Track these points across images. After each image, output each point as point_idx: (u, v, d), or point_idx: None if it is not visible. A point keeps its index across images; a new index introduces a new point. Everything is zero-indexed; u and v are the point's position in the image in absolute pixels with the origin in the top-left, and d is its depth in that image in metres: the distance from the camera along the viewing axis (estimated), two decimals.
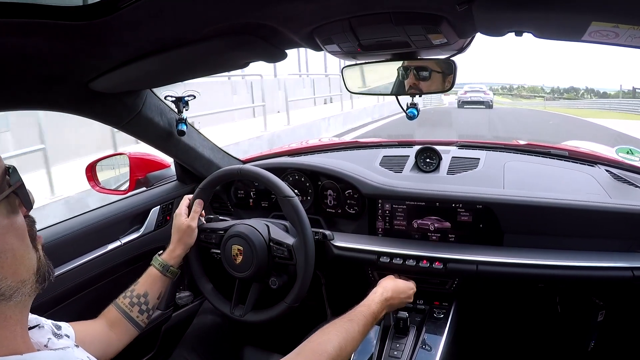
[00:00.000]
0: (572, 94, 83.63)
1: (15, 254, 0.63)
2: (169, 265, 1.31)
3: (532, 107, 42.35)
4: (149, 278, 1.29)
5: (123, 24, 0.79)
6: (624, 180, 1.58)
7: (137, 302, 1.23)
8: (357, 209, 1.68)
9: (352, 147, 2.08)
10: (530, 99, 75.61)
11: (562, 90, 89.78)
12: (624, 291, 1.59)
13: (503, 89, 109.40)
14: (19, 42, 0.78)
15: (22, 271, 0.65)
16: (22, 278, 0.64)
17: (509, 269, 1.39)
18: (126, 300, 1.23)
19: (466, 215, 1.50)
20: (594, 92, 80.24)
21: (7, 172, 0.65)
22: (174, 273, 1.33)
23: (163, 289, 1.32)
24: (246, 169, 1.42)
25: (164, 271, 1.30)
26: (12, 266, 0.63)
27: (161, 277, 1.30)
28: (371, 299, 1.24)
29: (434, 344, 1.39)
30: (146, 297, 1.25)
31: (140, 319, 1.23)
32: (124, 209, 1.64)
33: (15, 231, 0.64)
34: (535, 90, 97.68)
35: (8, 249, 0.62)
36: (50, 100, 1.16)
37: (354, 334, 1.07)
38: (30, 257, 0.67)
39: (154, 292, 1.28)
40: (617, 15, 0.72)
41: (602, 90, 79.23)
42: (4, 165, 0.65)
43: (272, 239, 1.38)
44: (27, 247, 0.66)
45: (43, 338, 0.77)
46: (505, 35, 0.91)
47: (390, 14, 0.86)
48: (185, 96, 1.54)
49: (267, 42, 1.02)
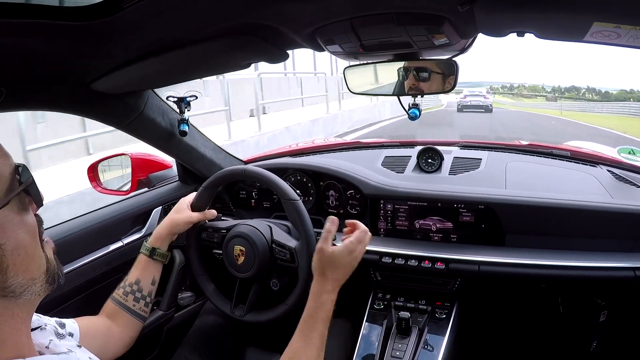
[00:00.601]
0: (574, 93, 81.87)
1: (27, 251, 0.64)
2: (154, 247, 1.31)
3: (540, 109, 37.48)
4: (139, 265, 1.31)
5: (124, 24, 0.79)
6: (625, 180, 1.57)
7: (130, 291, 1.24)
8: (359, 209, 1.68)
9: (354, 148, 2.08)
10: (531, 98, 74.49)
11: (563, 89, 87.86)
12: (626, 291, 1.58)
13: (503, 88, 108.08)
14: (20, 43, 0.78)
15: (34, 269, 0.66)
16: (32, 276, 0.65)
17: (511, 269, 1.38)
18: (120, 291, 1.25)
19: (468, 215, 1.49)
20: (595, 92, 78.80)
21: (17, 170, 0.66)
22: (163, 255, 1.33)
23: (156, 274, 1.32)
24: (250, 170, 1.41)
25: (151, 255, 1.31)
26: (24, 263, 0.63)
27: (150, 261, 1.31)
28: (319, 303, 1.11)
29: (436, 345, 1.39)
30: (138, 284, 1.26)
31: (137, 307, 1.23)
32: (126, 209, 1.64)
33: (27, 228, 0.65)
34: (536, 89, 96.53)
35: (20, 246, 0.63)
36: (52, 100, 1.17)
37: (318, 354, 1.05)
38: (40, 255, 0.68)
39: (146, 277, 1.29)
40: (618, 15, 0.72)
41: (603, 89, 78.22)
42: (14, 164, 0.66)
43: (275, 241, 1.38)
44: (37, 245, 0.67)
45: (45, 339, 0.77)
46: (507, 36, 0.91)
47: (392, 14, 0.86)
48: (187, 96, 1.54)
49: (269, 42, 1.02)
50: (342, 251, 1.15)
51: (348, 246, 1.17)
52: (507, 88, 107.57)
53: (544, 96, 73.31)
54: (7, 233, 0.61)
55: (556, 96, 67.16)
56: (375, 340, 1.43)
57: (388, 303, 1.55)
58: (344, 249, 1.16)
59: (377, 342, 1.42)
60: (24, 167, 0.67)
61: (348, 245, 1.17)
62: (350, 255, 1.16)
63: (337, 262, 1.15)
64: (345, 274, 1.17)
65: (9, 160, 0.65)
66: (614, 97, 64.62)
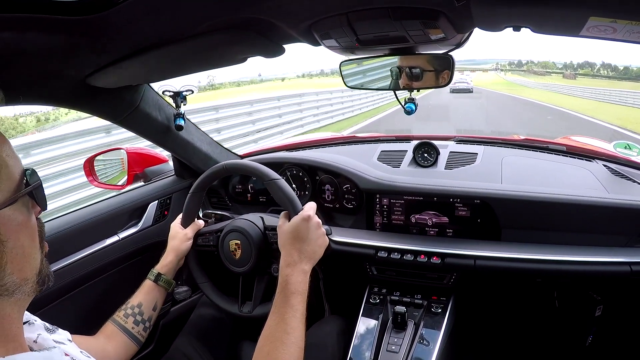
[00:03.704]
0: (588, 69, 73.73)
1: (25, 252, 0.65)
2: (160, 273, 1.35)
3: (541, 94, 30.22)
4: (143, 288, 1.33)
5: (120, 19, 0.78)
6: (621, 175, 1.58)
7: (131, 313, 1.26)
8: (355, 203, 1.68)
9: (350, 142, 2.08)
10: (544, 76, 64.81)
11: (575, 65, 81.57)
12: (622, 286, 1.59)
13: (511, 65, 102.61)
14: (15, 37, 0.78)
15: (27, 269, 0.67)
16: (25, 276, 0.66)
17: (506, 264, 1.39)
18: (121, 313, 1.26)
19: (464, 210, 1.50)
20: (611, 68, 68.87)
21: (25, 173, 0.67)
22: (168, 283, 1.36)
23: (159, 300, 1.34)
24: (231, 164, 1.42)
25: (156, 280, 1.34)
26: (20, 263, 0.64)
27: (154, 286, 1.34)
28: (284, 276, 1.12)
29: (432, 339, 1.39)
30: (140, 307, 1.28)
31: (136, 330, 1.25)
32: (122, 203, 1.64)
33: (28, 230, 0.67)
34: (548, 65, 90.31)
35: (19, 246, 0.64)
36: (48, 95, 1.17)
37: (298, 340, 1.03)
38: (35, 257, 0.69)
39: (148, 302, 1.31)
40: (615, 10, 0.72)
41: (621, 65, 66.78)
42: (23, 167, 0.67)
43: (267, 227, 1.40)
44: (35, 247, 0.69)
45: (32, 334, 0.77)
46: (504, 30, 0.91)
47: (388, 9, 0.86)
48: (183, 91, 1.54)
49: (265, 37, 1.01)
50: (296, 222, 1.20)
51: (300, 215, 1.21)
52: (515, 65, 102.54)
53: (560, 73, 65.96)
54: (10, 231, 0.62)
55: (575, 73, 62.39)
56: (371, 334, 1.44)
57: (384, 297, 1.56)
58: (297, 218, 1.21)
59: (373, 336, 1.43)
60: (33, 170, 0.69)
61: (300, 214, 1.22)
62: (306, 222, 1.20)
63: (295, 233, 1.19)
64: (310, 241, 1.19)
65: (18, 162, 0.67)
66: (634, 73, 57.06)
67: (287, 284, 1.10)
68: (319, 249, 1.21)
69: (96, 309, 1.25)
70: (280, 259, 1.18)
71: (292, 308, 1.06)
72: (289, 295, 1.08)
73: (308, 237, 1.19)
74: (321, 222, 1.25)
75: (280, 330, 1.03)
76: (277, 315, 1.06)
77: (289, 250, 1.17)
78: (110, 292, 1.30)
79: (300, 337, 1.04)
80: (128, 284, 1.36)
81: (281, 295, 1.09)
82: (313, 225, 1.20)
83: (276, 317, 1.06)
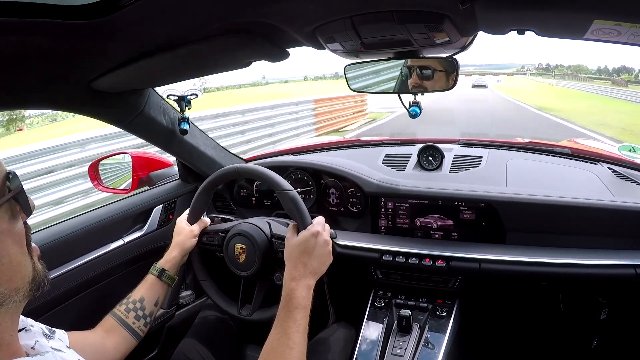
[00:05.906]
0: (626, 75, 65.31)
1: (12, 260, 0.63)
2: (164, 269, 1.33)
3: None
4: (145, 283, 1.31)
5: (124, 23, 0.79)
6: (626, 178, 1.57)
7: (132, 308, 1.24)
8: (360, 207, 1.68)
9: (355, 146, 2.08)
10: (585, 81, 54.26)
11: (610, 70, 72.90)
12: (627, 289, 1.59)
13: (539, 68, 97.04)
14: (20, 41, 0.78)
15: (17, 279, 0.64)
16: (16, 286, 0.64)
17: (511, 267, 1.38)
18: (122, 307, 1.23)
19: (469, 213, 1.49)
20: None
21: (8, 177, 0.64)
22: (171, 278, 1.34)
23: (161, 295, 1.32)
24: (243, 167, 1.42)
25: (159, 275, 1.32)
26: (7, 273, 0.62)
27: (157, 281, 1.31)
28: (288, 291, 1.12)
29: (437, 342, 1.39)
30: (142, 302, 1.26)
31: (137, 325, 1.22)
32: (127, 208, 1.65)
33: (14, 237, 0.64)
34: (581, 69, 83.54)
35: (5, 255, 0.62)
36: (53, 99, 1.17)
37: (301, 356, 1.03)
38: (26, 265, 0.66)
39: (151, 297, 1.28)
40: (619, 13, 0.72)
41: None
42: (5, 171, 0.65)
43: (274, 235, 1.39)
44: (24, 254, 0.66)
45: (30, 340, 0.76)
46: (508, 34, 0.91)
47: (392, 12, 0.86)
48: (187, 95, 1.54)
49: (269, 41, 1.02)
50: (304, 236, 1.20)
51: (309, 230, 1.21)
52: (543, 69, 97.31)
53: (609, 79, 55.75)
54: None
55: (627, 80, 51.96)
56: (376, 338, 1.43)
57: (389, 301, 1.55)
58: (305, 233, 1.20)
59: (378, 339, 1.42)
60: (14, 174, 0.66)
61: (309, 229, 1.21)
62: (314, 238, 1.20)
63: (303, 247, 1.19)
64: (316, 257, 1.19)
65: (0, 166, 0.64)
66: None
67: (291, 298, 1.10)
68: (323, 266, 1.21)
69: (101, 312, 1.25)
70: (284, 270, 1.18)
71: (295, 323, 1.06)
72: (293, 310, 1.08)
73: (314, 254, 1.19)
74: (330, 241, 1.25)
75: (283, 344, 1.03)
76: (280, 330, 1.05)
77: (295, 263, 1.16)
78: (115, 296, 1.30)
79: (303, 352, 1.04)
80: (133, 287, 1.35)
81: (285, 309, 1.09)
82: (320, 242, 1.21)
83: (279, 331, 1.05)
